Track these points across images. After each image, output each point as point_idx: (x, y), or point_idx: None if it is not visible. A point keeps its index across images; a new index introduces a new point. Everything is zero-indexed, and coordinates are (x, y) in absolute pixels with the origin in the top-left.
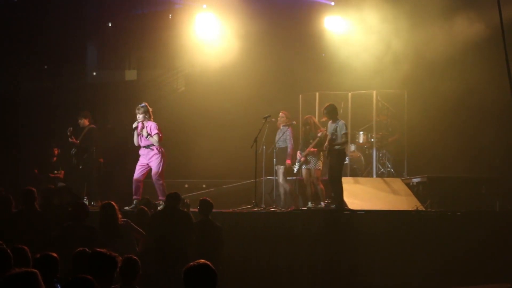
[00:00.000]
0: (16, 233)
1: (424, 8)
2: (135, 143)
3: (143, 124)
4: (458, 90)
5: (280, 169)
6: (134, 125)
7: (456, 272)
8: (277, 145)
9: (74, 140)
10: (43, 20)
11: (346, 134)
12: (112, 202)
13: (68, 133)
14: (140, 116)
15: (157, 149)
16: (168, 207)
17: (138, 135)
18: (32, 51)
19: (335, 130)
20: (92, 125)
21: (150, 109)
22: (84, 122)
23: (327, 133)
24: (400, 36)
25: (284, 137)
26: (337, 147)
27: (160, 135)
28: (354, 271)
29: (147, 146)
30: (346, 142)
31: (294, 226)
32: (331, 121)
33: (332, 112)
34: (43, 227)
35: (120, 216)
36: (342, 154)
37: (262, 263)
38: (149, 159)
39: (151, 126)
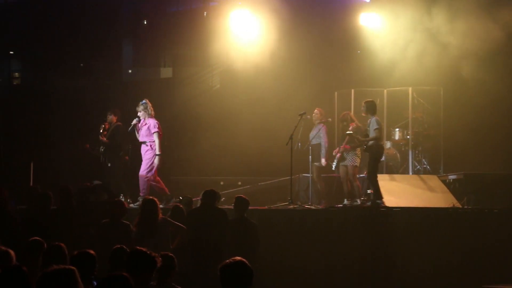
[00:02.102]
0: (53, 230)
1: (462, 2)
2: (139, 139)
3: (144, 121)
4: (495, 86)
5: (315, 166)
6: (133, 123)
7: (492, 270)
8: (312, 141)
9: (104, 138)
10: (79, 18)
11: (377, 129)
12: (154, 198)
13: (101, 130)
14: (140, 114)
15: (150, 145)
16: (204, 205)
17: (138, 131)
18: (68, 48)
19: (368, 126)
20: (119, 123)
21: (150, 106)
22: (112, 118)
23: (363, 127)
24: (436, 32)
25: (318, 134)
26: (370, 143)
27: (159, 131)
28: (389, 269)
29: (143, 142)
30: (377, 138)
31: (330, 224)
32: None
33: (368, 108)
34: (80, 224)
35: (160, 213)
36: (375, 150)
37: (298, 261)
38: (143, 154)
39: (151, 124)
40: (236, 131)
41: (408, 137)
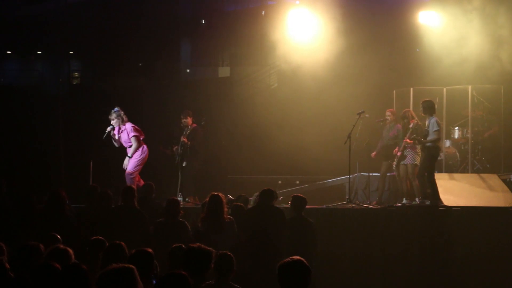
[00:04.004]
0: (113, 229)
1: None
2: (116, 145)
3: (119, 128)
4: None
5: (384, 165)
6: (107, 130)
7: None
8: (384, 141)
9: (186, 140)
10: (137, 18)
11: (437, 131)
12: (220, 194)
13: (184, 132)
14: (113, 121)
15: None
16: (261, 204)
17: (115, 139)
18: (127, 48)
19: (427, 126)
20: (195, 124)
21: (123, 113)
22: (188, 121)
23: (423, 125)
24: (496, 29)
25: (397, 136)
26: (428, 144)
27: (137, 134)
28: (448, 269)
29: (130, 147)
30: (437, 140)
31: (388, 223)
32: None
33: (427, 108)
34: (141, 223)
35: (226, 209)
36: (433, 151)
37: (356, 260)
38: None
39: (128, 129)
40: (293, 130)
41: (467, 135)
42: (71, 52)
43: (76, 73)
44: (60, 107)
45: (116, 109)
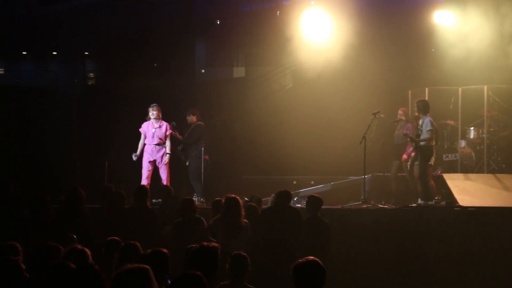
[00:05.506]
0: (127, 229)
1: None
2: (145, 142)
3: (158, 123)
4: None
5: (394, 165)
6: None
7: None
8: (398, 141)
9: (178, 135)
10: (152, 19)
11: (430, 130)
12: (237, 197)
13: (171, 127)
14: (154, 114)
15: (165, 148)
16: (278, 204)
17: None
18: (142, 49)
19: (421, 126)
20: (200, 122)
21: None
22: (192, 118)
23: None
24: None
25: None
26: (421, 143)
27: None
28: (464, 269)
29: (159, 144)
30: (430, 139)
31: (403, 223)
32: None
33: (421, 108)
34: (152, 223)
35: (243, 212)
36: (426, 150)
37: (371, 260)
38: (160, 157)
39: (166, 126)
40: (309, 130)
41: (483, 135)
42: (86, 53)
43: (91, 74)
44: (75, 107)
45: (155, 103)
